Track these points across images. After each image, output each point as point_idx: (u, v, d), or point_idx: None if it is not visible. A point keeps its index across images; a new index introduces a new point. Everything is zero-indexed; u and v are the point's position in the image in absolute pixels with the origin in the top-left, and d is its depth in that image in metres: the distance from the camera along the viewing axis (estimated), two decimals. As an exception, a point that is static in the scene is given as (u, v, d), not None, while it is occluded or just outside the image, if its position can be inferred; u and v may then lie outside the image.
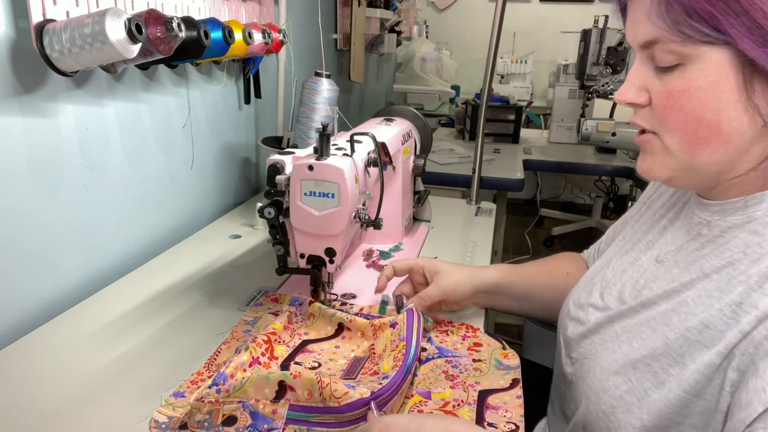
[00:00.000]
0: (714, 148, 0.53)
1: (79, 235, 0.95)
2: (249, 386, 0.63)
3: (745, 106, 0.51)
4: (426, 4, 4.39)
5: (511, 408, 0.68)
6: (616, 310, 0.66)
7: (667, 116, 0.55)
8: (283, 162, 0.82)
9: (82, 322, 0.86)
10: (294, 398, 0.63)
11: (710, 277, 0.56)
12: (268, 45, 1.24)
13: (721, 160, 0.54)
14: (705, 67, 0.51)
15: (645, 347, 0.59)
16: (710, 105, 0.52)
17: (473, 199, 1.52)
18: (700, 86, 0.52)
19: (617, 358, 0.61)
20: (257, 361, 0.71)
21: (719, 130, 0.52)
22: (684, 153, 0.55)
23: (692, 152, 0.55)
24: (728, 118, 0.51)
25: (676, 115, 0.54)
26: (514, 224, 3.74)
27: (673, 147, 0.56)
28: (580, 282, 0.79)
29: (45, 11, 0.77)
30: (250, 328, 0.83)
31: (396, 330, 0.76)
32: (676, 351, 0.55)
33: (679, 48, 0.52)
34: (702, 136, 0.53)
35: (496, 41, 1.43)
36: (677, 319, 0.57)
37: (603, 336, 0.66)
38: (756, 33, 0.47)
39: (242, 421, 0.61)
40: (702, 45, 0.50)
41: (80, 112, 0.92)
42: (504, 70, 3.76)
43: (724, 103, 0.51)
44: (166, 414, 0.64)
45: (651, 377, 0.57)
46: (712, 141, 0.53)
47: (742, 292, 0.51)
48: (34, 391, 0.70)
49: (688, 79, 0.52)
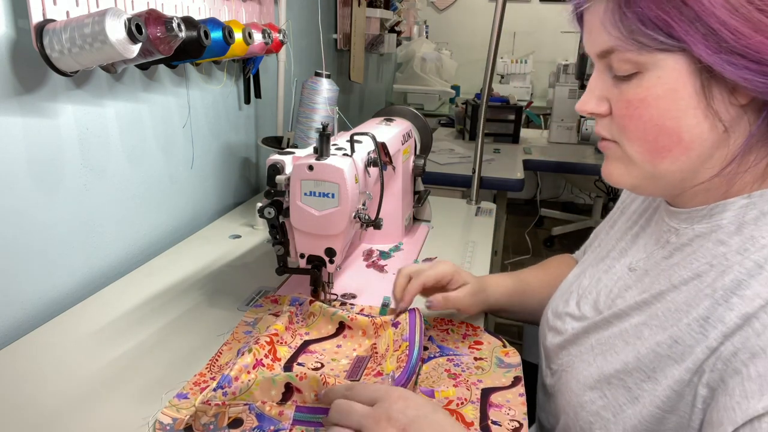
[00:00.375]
0: (675, 156, 0.53)
1: (79, 235, 0.95)
2: (255, 388, 0.63)
3: (704, 112, 0.50)
4: (426, 4, 4.39)
5: (514, 406, 0.68)
6: (591, 320, 0.66)
7: (627, 125, 0.54)
8: (283, 162, 0.82)
9: (82, 322, 0.86)
10: (300, 400, 0.63)
11: (679, 288, 0.55)
12: (268, 45, 1.24)
13: (683, 168, 0.53)
14: (662, 75, 0.50)
15: (618, 361, 0.58)
16: (669, 113, 0.51)
17: (473, 199, 1.52)
18: (658, 94, 0.51)
19: (592, 372, 0.61)
20: (260, 362, 0.71)
21: (680, 137, 0.51)
22: (645, 162, 0.55)
23: (653, 161, 0.54)
24: (688, 125, 0.51)
25: (635, 124, 0.53)
26: (514, 224, 3.74)
27: (635, 156, 0.55)
28: (558, 290, 0.79)
29: (45, 11, 0.77)
30: (250, 329, 0.83)
31: (399, 330, 0.76)
32: (647, 366, 0.55)
33: (635, 56, 0.51)
34: (663, 145, 0.52)
35: (496, 41, 1.43)
36: (648, 332, 0.56)
37: (579, 348, 0.66)
38: (710, 39, 0.47)
39: (248, 423, 0.61)
40: (657, 53, 0.50)
41: (80, 112, 0.92)
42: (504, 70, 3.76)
43: (683, 110, 0.50)
44: (170, 416, 0.64)
45: (625, 392, 0.57)
46: (673, 149, 0.52)
47: (709, 307, 0.51)
48: (34, 390, 0.70)
49: (645, 88, 0.51)
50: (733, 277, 0.50)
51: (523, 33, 4.09)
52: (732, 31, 0.46)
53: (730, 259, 0.52)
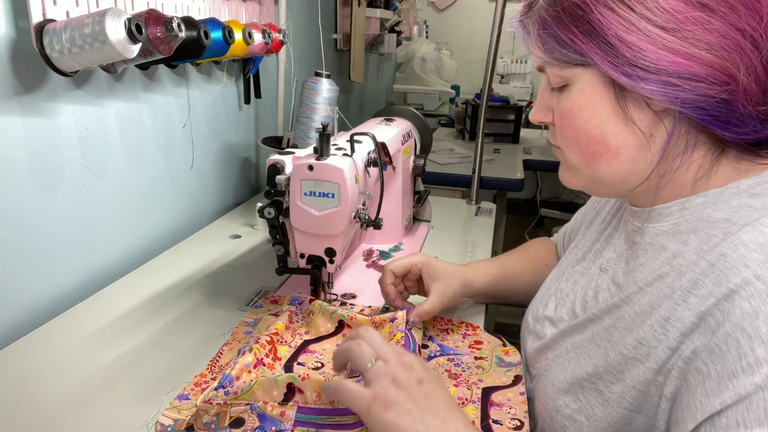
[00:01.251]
0: (608, 161, 0.56)
1: (79, 235, 0.95)
2: (257, 388, 0.63)
3: (624, 120, 0.54)
4: (426, 4, 4.39)
5: (515, 405, 0.68)
6: (567, 324, 0.67)
7: (563, 134, 0.59)
8: (283, 162, 0.82)
9: (82, 322, 0.86)
10: (302, 400, 0.63)
11: (644, 290, 0.57)
12: (268, 45, 1.24)
13: (619, 171, 0.56)
14: (582, 87, 0.55)
15: (590, 365, 0.60)
16: (593, 122, 0.55)
17: (473, 199, 1.52)
18: (581, 105, 0.55)
19: (566, 376, 0.62)
20: (261, 362, 0.71)
21: (606, 144, 0.55)
22: (583, 166, 0.58)
23: (590, 165, 0.58)
24: (612, 132, 0.54)
25: (568, 132, 0.58)
26: (514, 224, 3.74)
27: (574, 161, 0.59)
28: (538, 294, 0.80)
29: (45, 11, 0.77)
30: (251, 329, 0.83)
31: (395, 324, 0.77)
32: (616, 368, 0.56)
33: (559, 72, 0.56)
34: (594, 150, 0.56)
35: (496, 41, 1.43)
36: (617, 335, 0.57)
37: (556, 352, 0.67)
38: (610, 54, 0.51)
39: (250, 423, 0.61)
40: (574, 67, 0.54)
41: (80, 112, 0.92)
42: (504, 70, 3.76)
43: (605, 118, 0.54)
44: (172, 417, 0.64)
45: (597, 395, 0.58)
46: (603, 154, 0.56)
47: (669, 308, 0.52)
48: (34, 390, 0.70)
49: (572, 99, 0.56)
50: (690, 277, 0.51)
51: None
52: (630, 46, 0.50)
53: (687, 258, 0.53)
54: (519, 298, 0.91)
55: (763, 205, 0.51)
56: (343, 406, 0.61)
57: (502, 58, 3.75)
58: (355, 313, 0.82)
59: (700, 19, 0.48)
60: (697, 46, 0.48)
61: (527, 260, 0.94)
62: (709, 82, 0.48)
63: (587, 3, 0.51)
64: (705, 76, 0.48)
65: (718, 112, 0.50)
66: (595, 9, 0.50)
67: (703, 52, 0.48)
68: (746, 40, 0.48)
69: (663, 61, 0.49)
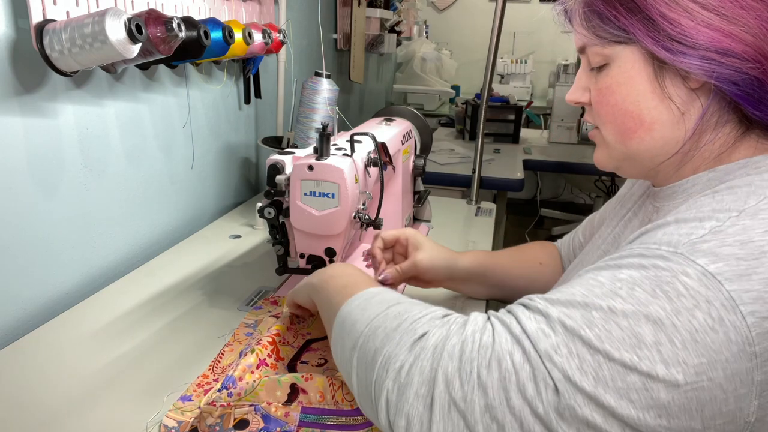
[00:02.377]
0: (641, 137, 0.58)
1: (79, 235, 0.95)
2: (261, 389, 0.63)
3: (660, 96, 0.56)
4: (426, 4, 4.39)
5: None
6: None
7: (599, 111, 0.61)
8: (283, 162, 0.82)
9: (82, 321, 0.86)
10: (306, 401, 0.63)
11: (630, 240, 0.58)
12: (268, 45, 1.24)
13: (650, 147, 0.59)
14: (622, 65, 0.57)
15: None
16: (630, 97, 0.57)
17: (473, 199, 1.52)
18: (620, 81, 0.57)
19: None
20: (264, 362, 0.71)
21: (641, 119, 0.57)
22: (618, 143, 0.61)
23: (624, 141, 0.60)
24: (647, 108, 0.57)
25: (605, 109, 0.60)
26: (514, 224, 3.74)
27: (609, 138, 0.61)
28: (560, 281, 0.80)
29: (45, 11, 0.77)
30: (251, 331, 0.83)
31: None
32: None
33: (601, 50, 0.58)
34: (628, 126, 0.58)
35: (496, 41, 1.43)
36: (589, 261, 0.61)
37: None
38: (653, 29, 0.53)
39: (254, 425, 0.61)
40: (615, 45, 0.57)
41: (80, 112, 0.92)
42: (504, 70, 3.76)
43: (642, 94, 0.56)
44: (175, 419, 0.64)
45: None
46: (637, 130, 0.58)
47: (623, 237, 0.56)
48: (34, 390, 0.70)
49: (611, 77, 0.58)
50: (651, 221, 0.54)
51: (523, 33, 4.08)
52: (671, 22, 0.52)
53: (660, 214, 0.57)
54: (509, 291, 0.92)
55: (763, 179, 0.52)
56: (347, 406, 0.61)
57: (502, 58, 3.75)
58: None
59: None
60: (734, 24, 0.50)
61: (521, 256, 0.95)
62: (743, 58, 0.51)
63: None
64: (740, 53, 0.51)
65: (751, 89, 0.52)
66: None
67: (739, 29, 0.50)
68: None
69: (702, 36, 0.51)
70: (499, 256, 0.93)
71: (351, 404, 0.60)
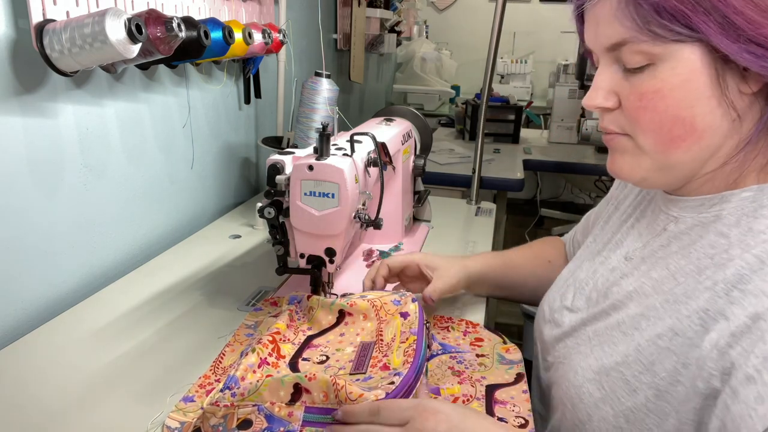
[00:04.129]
0: (688, 146, 0.53)
1: (79, 235, 0.95)
2: (264, 389, 0.63)
3: (718, 101, 0.50)
4: (426, 4, 4.39)
5: (519, 402, 0.68)
6: (588, 311, 0.66)
7: (641, 117, 0.54)
8: (283, 162, 0.82)
9: (82, 322, 0.86)
10: (309, 400, 0.63)
11: (677, 279, 0.55)
12: (268, 45, 1.24)
13: (695, 157, 0.54)
14: (676, 65, 0.51)
15: (617, 353, 0.58)
16: (684, 102, 0.51)
17: (473, 199, 1.52)
18: (674, 84, 0.51)
19: (591, 364, 0.61)
20: (265, 361, 0.71)
21: (693, 127, 0.52)
22: (658, 152, 0.55)
23: (667, 151, 0.54)
24: (702, 114, 0.51)
25: (650, 116, 0.53)
26: (514, 224, 3.74)
27: (648, 147, 0.55)
28: (554, 285, 0.79)
29: (45, 11, 0.77)
30: (252, 331, 0.83)
31: (407, 322, 0.75)
32: (647, 358, 0.55)
33: (649, 48, 0.51)
34: (677, 134, 0.53)
35: (496, 41, 1.43)
36: (646, 323, 0.56)
37: (576, 339, 0.66)
38: (728, 28, 0.47)
39: (257, 425, 0.61)
40: (672, 43, 0.50)
41: (80, 112, 0.92)
42: (504, 70, 3.76)
43: (697, 99, 0.51)
44: (178, 419, 0.64)
45: (623, 385, 0.56)
46: (687, 138, 0.53)
47: (709, 299, 0.51)
48: (34, 391, 0.70)
49: (660, 79, 0.52)
50: (734, 270, 0.50)
51: (523, 33, 4.08)
52: (748, 20, 0.46)
53: (730, 252, 0.52)
54: (519, 290, 0.91)
55: None
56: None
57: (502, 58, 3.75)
58: (355, 300, 0.81)
59: None
60: None
61: (529, 254, 0.94)
62: None
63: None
64: None
65: None
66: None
67: None
68: None
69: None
70: (507, 255, 0.93)
71: (353, 404, 0.60)
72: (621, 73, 0.55)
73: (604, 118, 0.59)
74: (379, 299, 0.79)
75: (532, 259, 0.93)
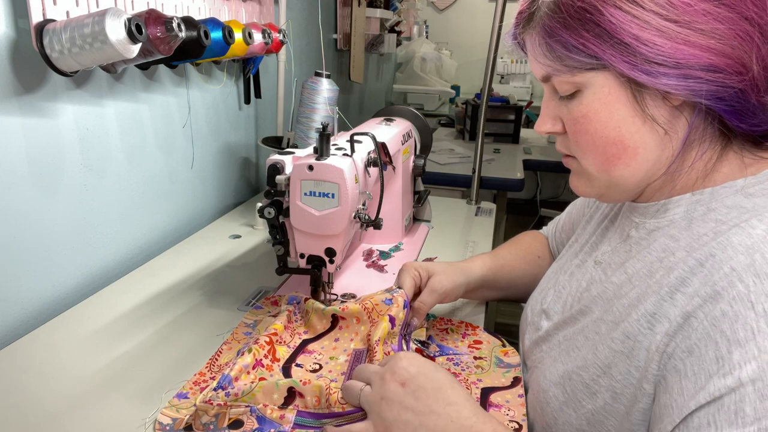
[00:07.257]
0: (625, 162, 0.56)
1: (79, 235, 0.95)
2: (258, 391, 0.63)
3: (642, 119, 0.53)
4: (426, 4, 4.39)
5: (514, 407, 0.68)
6: (561, 317, 0.68)
7: (578, 140, 0.58)
8: (283, 162, 0.82)
9: (82, 322, 0.86)
10: (302, 404, 0.63)
11: (633, 283, 0.57)
12: (268, 45, 1.24)
13: (636, 171, 0.56)
14: (596, 91, 0.54)
15: (579, 357, 0.60)
16: (610, 124, 0.54)
17: (473, 199, 1.52)
18: (597, 108, 0.54)
19: (558, 368, 0.63)
20: (260, 363, 0.71)
21: (624, 145, 0.55)
22: (601, 172, 0.58)
23: (608, 170, 0.57)
24: (630, 133, 0.54)
25: (584, 138, 0.57)
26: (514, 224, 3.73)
27: (591, 168, 0.59)
28: (538, 287, 0.80)
29: (45, 11, 0.77)
30: (250, 330, 0.83)
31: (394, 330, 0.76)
32: (602, 361, 0.57)
33: (570, 78, 0.55)
34: (612, 153, 0.56)
35: (496, 41, 1.43)
36: (605, 328, 0.58)
37: (549, 344, 0.68)
38: (626, 53, 0.50)
39: (248, 425, 0.61)
40: (587, 72, 0.53)
41: (80, 112, 0.92)
42: (504, 70, 3.76)
43: (622, 119, 0.54)
44: (170, 416, 0.64)
45: (583, 388, 0.58)
46: (622, 156, 0.56)
47: (655, 303, 0.52)
48: (34, 390, 0.70)
49: (586, 104, 0.55)
50: (678, 273, 0.51)
51: (523, 33, 4.08)
52: (646, 43, 0.49)
53: (676, 255, 0.53)
54: (515, 290, 0.92)
55: (755, 206, 0.51)
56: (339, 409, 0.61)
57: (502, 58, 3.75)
58: (347, 304, 0.81)
59: (710, 10, 0.48)
60: (712, 37, 0.48)
61: (520, 252, 0.95)
62: (727, 72, 0.48)
63: (595, 5, 0.50)
64: (723, 67, 0.48)
65: (736, 103, 0.50)
66: (604, 10, 0.50)
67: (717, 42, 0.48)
68: (754, 29, 0.48)
69: (681, 54, 0.48)
70: (502, 257, 0.93)
71: (343, 407, 0.61)
72: (559, 101, 0.59)
73: (557, 141, 0.63)
74: (370, 300, 0.79)
75: (524, 257, 0.94)
